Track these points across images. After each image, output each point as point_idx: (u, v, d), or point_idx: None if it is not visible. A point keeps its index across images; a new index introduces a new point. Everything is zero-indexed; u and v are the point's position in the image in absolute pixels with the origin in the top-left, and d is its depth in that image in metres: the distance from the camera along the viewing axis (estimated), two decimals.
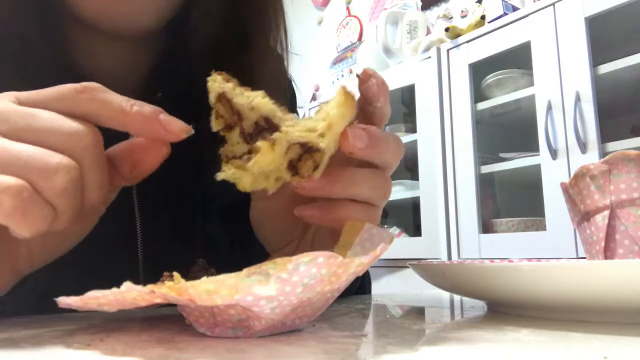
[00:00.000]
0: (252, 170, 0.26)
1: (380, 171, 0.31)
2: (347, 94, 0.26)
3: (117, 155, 0.29)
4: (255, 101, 0.27)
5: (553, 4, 1.55)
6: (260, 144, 0.26)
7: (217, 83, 0.28)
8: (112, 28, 0.40)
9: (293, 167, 0.27)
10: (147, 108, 0.27)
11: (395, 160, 0.31)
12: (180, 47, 0.45)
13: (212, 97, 0.28)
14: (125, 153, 0.29)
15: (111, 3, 0.37)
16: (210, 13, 0.43)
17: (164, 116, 0.27)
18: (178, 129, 0.27)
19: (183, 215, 0.45)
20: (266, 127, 0.27)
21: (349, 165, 0.31)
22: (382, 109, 0.31)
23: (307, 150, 0.26)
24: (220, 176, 0.27)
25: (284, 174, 0.27)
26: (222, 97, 0.28)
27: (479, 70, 1.76)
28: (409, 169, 2.14)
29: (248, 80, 0.44)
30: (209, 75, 0.28)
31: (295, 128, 0.26)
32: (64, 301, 0.22)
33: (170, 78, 0.44)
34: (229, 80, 0.28)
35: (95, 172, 0.26)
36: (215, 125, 0.29)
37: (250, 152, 0.27)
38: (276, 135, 0.26)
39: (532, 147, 1.61)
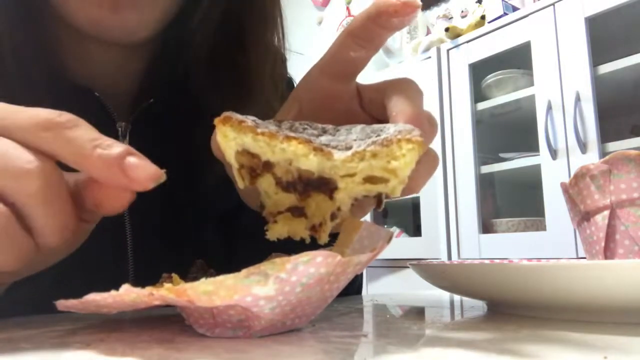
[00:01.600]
0: (324, 240, 0.25)
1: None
2: (420, 147, 0.23)
3: (82, 188, 0.24)
4: (301, 162, 0.23)
5: (553, 4, 1.55)
6: (343, 218, 0.24)
7: (232, 139, 0.23)
8: (110, 39, 0.39)
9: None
10: (113, 151, 0.22)
11: None
12: (176, 51, 0.44)
13: (229, 158, 0.23)
14: (87, 190, 0.24)
15: (108, 15, 0.36)
16: (208, 18, 0.42)
17: (134, 159, 0.22)
18: (145, 176, 0.22)
19: (174, 221, 0.44)
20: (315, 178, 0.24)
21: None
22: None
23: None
24: (271, 236, 0.25)
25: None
26: (243, 152, 0.23)
27: (479, 70, 1.76)
28: None
29: (246, 82, 0.42)
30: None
31: (354, 179, 0.23)
32: (63, 304, 0.22)
33: (164, 82, 0.43)
34: (240, 123, 0.22)
35: (46, 216, 0.22)
36: (241, 183, 0.24)
37: (299, 207, 0.24)
38: (339, 197, 0.24)
39: (532, 147, 1.61)
